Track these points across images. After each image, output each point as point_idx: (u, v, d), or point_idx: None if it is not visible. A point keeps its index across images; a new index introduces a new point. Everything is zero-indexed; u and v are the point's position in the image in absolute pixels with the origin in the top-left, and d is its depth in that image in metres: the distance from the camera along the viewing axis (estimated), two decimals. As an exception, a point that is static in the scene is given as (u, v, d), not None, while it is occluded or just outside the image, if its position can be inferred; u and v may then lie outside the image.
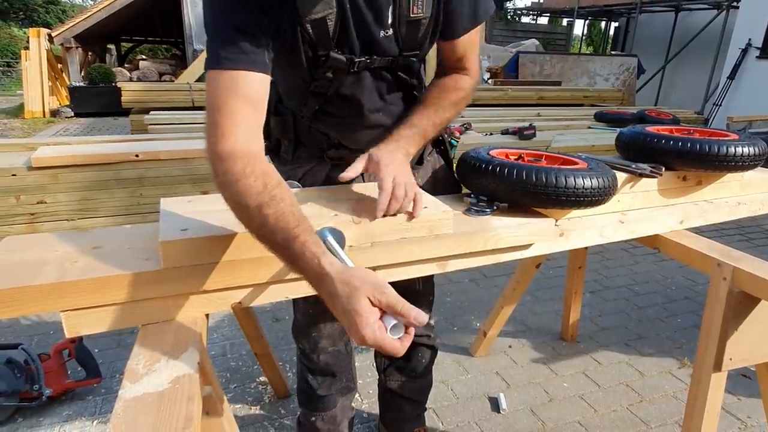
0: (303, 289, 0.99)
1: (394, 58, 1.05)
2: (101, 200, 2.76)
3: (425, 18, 1.01)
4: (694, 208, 1.48)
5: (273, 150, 1.27)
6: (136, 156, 2.75)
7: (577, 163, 1.27)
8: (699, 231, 1.46)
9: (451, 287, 2.76)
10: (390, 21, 0.99)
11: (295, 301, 1.34)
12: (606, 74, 9.02)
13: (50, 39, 8.61)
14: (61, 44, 8.75)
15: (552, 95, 7.43)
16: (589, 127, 4.76)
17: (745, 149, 1.38)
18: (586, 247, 2.03)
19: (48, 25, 24.20)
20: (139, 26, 12.42)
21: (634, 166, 1.41)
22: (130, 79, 8.99)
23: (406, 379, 1.56)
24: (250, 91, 0.87)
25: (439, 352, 2.08)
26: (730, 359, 1.19)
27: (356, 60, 1.01)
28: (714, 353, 1.20)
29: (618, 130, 4.63)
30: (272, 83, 1.20)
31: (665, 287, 2.84)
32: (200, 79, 8.27)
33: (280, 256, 0.80)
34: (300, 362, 1.43)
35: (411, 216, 0.99)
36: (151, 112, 4.72)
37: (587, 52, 18.47)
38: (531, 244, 1.21)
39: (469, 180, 1.30)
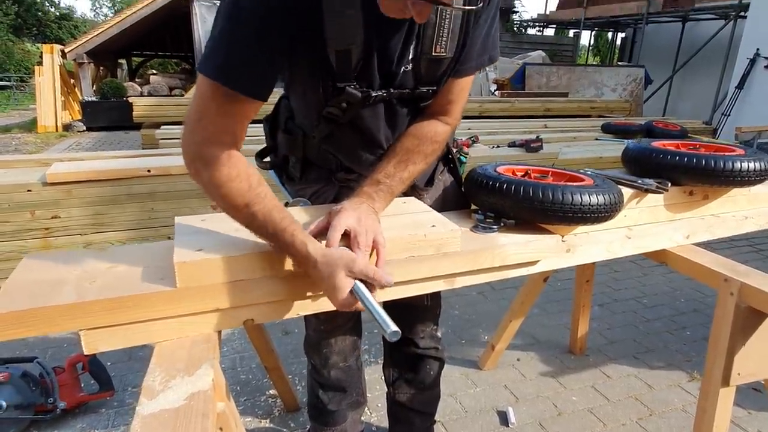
0: (314, 306, 1.02)
1: (409, 91, 1.06)
2: (113, 215, 2.81)
3: (447, 57, 1.01)
4: (701, 222, 1.49)
5: (279, 166, 1.29)
6: (148, 171, 2.80)
7: (583, 180, 1.29)
8: (708, 243, 1.47)
9: (458, 300, 2.76)
10: (411, 57, 1.00)
11: (306, 317, 1.36)
12: (613, 85, 9.03)
13: (63, 54, 8.77)
14: (74, 60, 8.92)
15: (559, 106, 7.45)
16: (597, 139, 4.76)
17: (752, 164, 1.39)
18: (594, 262, 2.03)
19: (60, 41, 24.69)
20: (149, 41, 12.63)
21: (640, 181, 1.43)
22: (141, 94, 9.13)
23: (415, 391, 1.56)
24: (243, 114, 0.90)
25: (447, 365, 2.08)
26: (738, 374, 1.19)
27: (373, 94, 1.01)
28: (722, 368, 1.20)
29: (625, 141, 4.63)
30: (285, 98, 1.23)
31: (674, 299, 2.83)
32: (210, 93, 8.37)
33: (269, 242, 0.91)
34: (311, 377, 1.45)
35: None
36: (162, 127, 4.79)
37: (594, 62, 18.50)
38: (538, 261, 1.22)
39: (476, 197, 1.32)
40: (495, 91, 8.85)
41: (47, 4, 26.36)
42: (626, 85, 9.00)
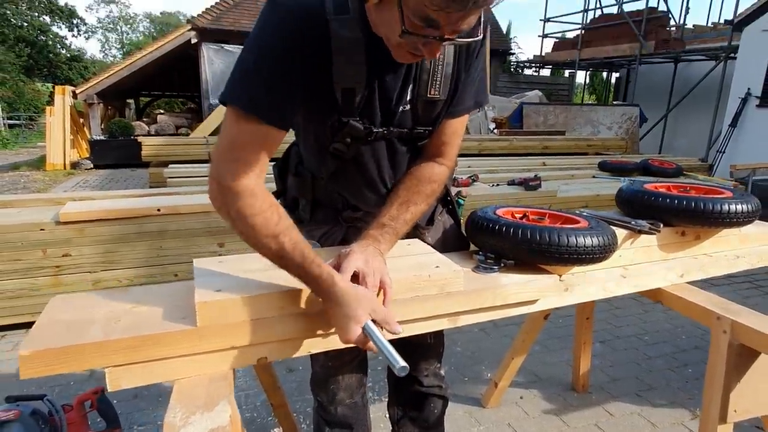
0: (324, 344, 1.07)
1: (408, 131, 1.15)
2: (123, 253, 2.87)
3: (441, 100, 1.11)
4: (694, 262, 1.55)
5: (290, 208, 1.34)
6: (158, 210, 2.88)
7: (578, 222, 1.36)
8: (709, 280, 1.52)
9: (461, 337, 2.79)
10: (409, 98, 1.09)
11: (314, 354, 1.40)
12: (609, 123, 9.24)
13: (74, 95, 9.04)
14: (84, 100, 9.18)
15: (556, 144, 7.61)
16: (594, 176, 4.87)
17: (739, 207, 1.46)
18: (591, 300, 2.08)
19: (70, 81, 25.35)
20: (157, 81, 13.00)
21: (633, 222, 1.50)
22: (148, 133, 9.35)
23: (419, 430, 1.58)
24: (272, 144, 0.96)
25: (450, 402, 2.10)
26: (735, 411, 1.23)
27: (375, 130, 1.10)
28: (719, 405, 1.24)
29: (622, 179, 4.73)
30: (296, 145, 1.32)
31: (674, 337, 2.85)
32: (214, 133, 8.58)
33: (294, 274, 0.95)
34: (317, 414, 1.48)
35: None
36: (170, 166, 4.91)
37: (590, 101, 18.92)
38: (537, 300, 1.27)
39: (477, 238, 1.38)
40: (494, 129, 9.05)
41: (59, 47, 27.18)
42: (622, 123, 9.21)
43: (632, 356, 2.63)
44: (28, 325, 2.81)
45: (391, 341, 0.99)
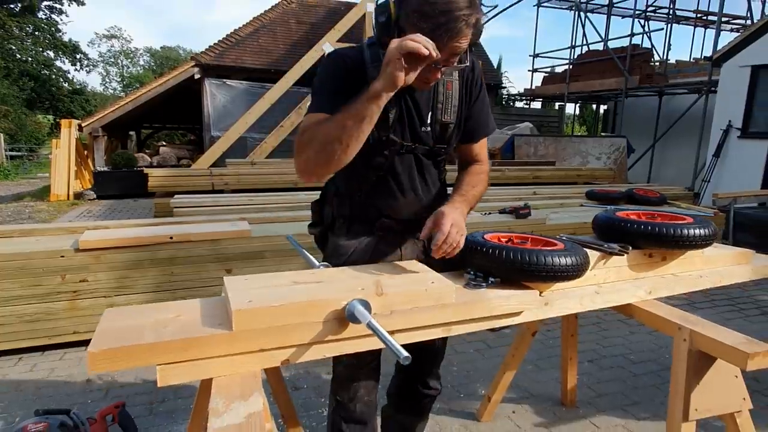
0: (338, 348, 1.25)
1: (430, 148, 1.47)
2: (136, 278, 3.04)
3: (452, 123, 1.46)
4: (661, 280, 1.74)
5: (329, 227, 1.60)
6: (170, 238, 3.06)
7: (556, 244, 1.56)
8: (692, 302, 1.71)
9: (457, 357, 2.94)
10: (429, 121, 1.43)
11: (336, 357, 1.57)
12: (597, 154, 9.57)
13: (80, 128, 9.30)
14: (89, 133, 9.44)
15: (547, 174, 7.89)
16: (582, 205, 5.10)
17: (697, 231, 1.67)
18: (576, 316, 2.26)
19: (71, 113, 25.77)
20: (159, 114, 13.33)
21: (606, 245, 1.70)
22: (151, 164, 9.59)
23: (414, 418, 1.82)
24: None
25: (446, 416, 2.30)
26: (696, 410, 1.40)
27: (405, 144, 1.43)
28: (681, 405, 1.41)
29: (608, 207, 4.94)
30: (332, 183, 1.60)
31: (659, 356, 3.02)
32: (216, 164, 8.84)
33: (360, 122, 1.19)
34: (335, 415, 1.63)
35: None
36: (176, 196, 5.10)
37: (580, 132, 19.41)
38: (521, 312, 1.46)
39: (467, 259, 1.58)
40: (487, 160, 9.36)
41: (62, 80, 27.74)
42: (610, 153, 9.54)
43: (618, 374, 2.79)
44: (45, 348, 2.95)
45: (405, 347, 1.17)
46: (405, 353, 1.00)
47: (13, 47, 24.48)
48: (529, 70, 14.25)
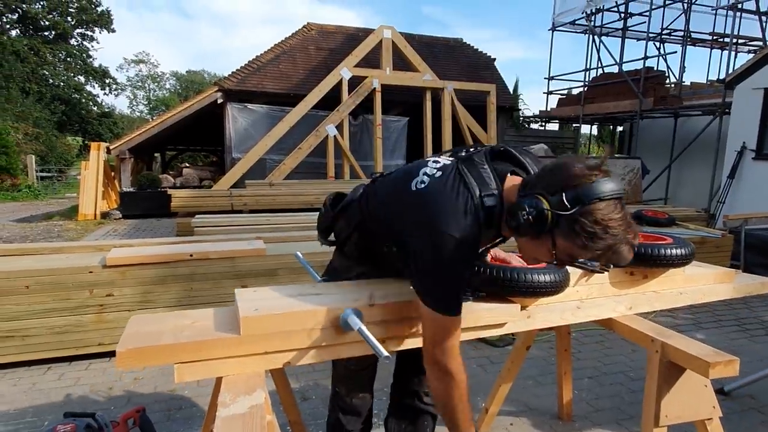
0: (335, 352, 1.40)
1: None
2: (158, 293, 3.23)
3: None
4: (642, 297, 1.86)
5: (340, 245, 1.66)
6: (191, 256, 3.27)
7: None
8: (697, 322, 1.80)
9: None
10: None
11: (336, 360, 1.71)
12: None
13: (108, 151, 9.73)
14: (117, 155, 9.87)
15: (559, 195, 7.95)
16: (590, 226, 5.17)
17: (674, 251, 1.79)
18: (569, 332, 2.37)
19: (99, 135, 26.72)
20: (183, 136, 13.81)
21: (588, 263, 1.82)
22: (174, 185, 9.95)
23: None
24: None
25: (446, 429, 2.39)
26: (666, 416, 1.51)
27: None
28: (653, 411, 1.52)
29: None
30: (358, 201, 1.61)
31: (659, 374, 3.08)
32: (236, 185, 9.14)
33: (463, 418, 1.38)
34: (333, 402, 1.81)
35: None
36: (197, 216, 5.35)
37: (598, 152, 19.37)
38: (505, 323, 1.60)
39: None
40: (500, 181, 9.47)
41: (91, 104, 28.87)
42: (624, 174, 9.55)
43: (617, 390, 2.86)
44: (73, 359, 3.15)
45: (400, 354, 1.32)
46: (385, 353, 1.15)
47: (47, 72, 25.67)
48: (544, 92, 14.43)
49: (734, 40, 10.56)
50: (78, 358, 3.17)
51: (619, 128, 15.21)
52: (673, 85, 12.01)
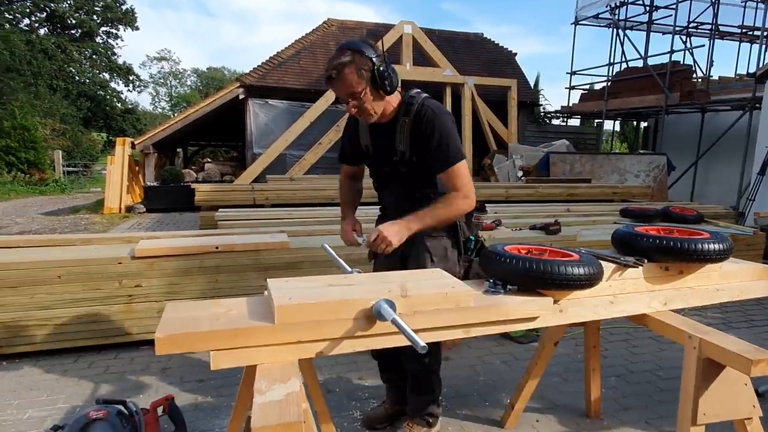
0: (366, 343, 1.40)
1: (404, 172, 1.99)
2: (184, 284, 3.28)
3: (407, 153, 1.93)
4: (677, 293, 1.82)
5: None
6: (216, 248, 3.30)
7: (572, 256, 1.67)
8: (727, 322, 1.76)
9: (484, 368, 3.03)
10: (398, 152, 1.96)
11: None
12: (636, 171, 9.43)
13: (133, 146, 9.91)
14: (141, 150, 10.04)
15: (581, 192, 7.84)
16: (615, 222, 5.09)
17: (712, 246, 1.74)
18: (598, 329, 2.33)
19: (123, 131, 27.23)
20: (205, 132, 13.98)
21: (622, 258, 1.79)
22: (196, 179, 10.08)
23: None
24: None
25: (471, 423, 2.41)
26: (704, 414, 1.47)
27: (384, 169, 2.09)
28: (690, 410, 1.48)
29: (641, 225, 4.90)
30: None
31: (689, 373, 3.01)
32: (257, 180, 9.22)
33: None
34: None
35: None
36: (220, 210, 5.41)
37: (621, 149, 19.05)
38: (536, 317, 1.58)
39: (487, 268, 1.71)
40: (521, 177, 9.38)
41: (115, 100, 29.42)
42: (649, 171, 9.38)
43: (645, 389, 2.81)
44: (101, 348, 3.22)
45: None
46: (422, 343, 1.15)
47: (73, 70, 26.22)
48: (566, 88, 14.22)
49: (765, 33, 10.24)
50: (107, 347, 3.24)
51: (643, 124, 14.91)
52: (700, 80, 11.71)
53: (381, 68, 1.75)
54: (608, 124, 15.31)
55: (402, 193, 2.02)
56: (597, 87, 14.50)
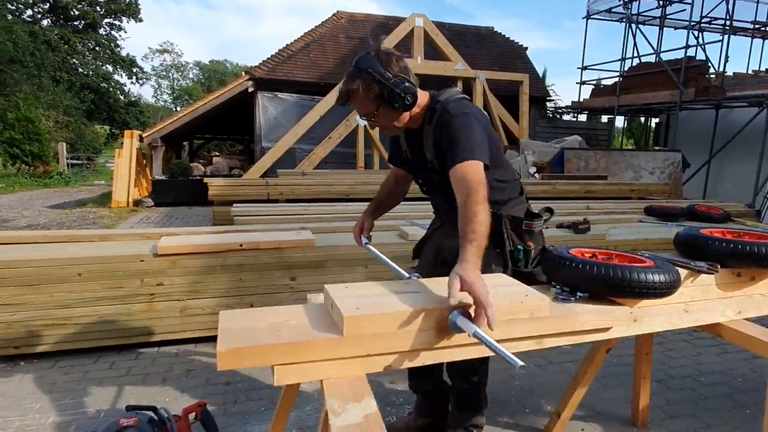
0: (437, 356, 1.29)
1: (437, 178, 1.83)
2: (207, 283, 3.17)
3: (433, 161, 1.81)
4: (750, 300, 1.71)
5: None
6: (240, 246, 3.20)
7: (644, 261, 1.56)
8: None
9: (518, 372, 2.93)
10: (429, 159, 1.84)
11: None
12: (651, 168, 9.30)
13: (140, 139, 9.78)
14: (149, 143, 9.92)
15: (599, 189, 7.72)
16: (640, 221, 4.97)
17: (789, 251, 1.63)
18: (652, 334, 2.22)
19: (126, 124, 27.08)
20: (212, 125, 13.85)
21: (693, 264, 1.68)
22: (204, 173, 9.97)
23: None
24: None
25: (514, 431, 2.28)
26: (795, 434, 1.37)
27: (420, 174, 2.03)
28: (780, 428, 1.38)
29: (668, 223, 4.80)
30: None
31: (731, 378, 2.91)
32: (266, 174, 9.10)
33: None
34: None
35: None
36: (235, 205, 5.30)
37: (628, 146, 18.89)
38: (610, 328, 1.47)
39: (554, 273, 1.60)
40: (534, 173, 9.25)
41: (118, 93, 29.24)
42: (664, 168, 9.25)
43: (688, 395, 2.71)
44: (122, 347, 3.12)
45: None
46: (520, 362, 1.04)
47: (76, 62, 26.03)
48: (576, 83, 14.05)
49: (782, 29, 10.07)
50: (126, 347, 3.14)
51: (655, 120, 14.75)
52: (714, 76, 11.55)
53: (392, 88, 1.63)
54: (617, 123, 15.16)
55: (446, 203, 1.87)
56: (604, 83, 14.33)
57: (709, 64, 11.70)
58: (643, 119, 16.02)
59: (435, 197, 2.03)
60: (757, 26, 12.53)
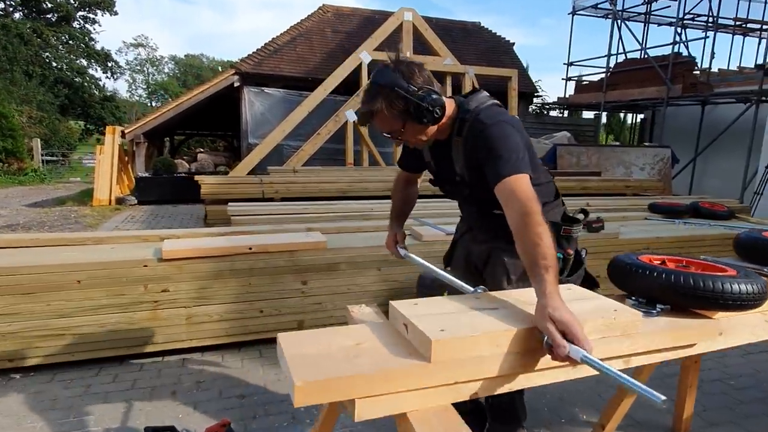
0: (529, 380, 1.16)
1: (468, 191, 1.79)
2: (215, 289, 2.99)
3: (462, 175, 1.73)
4: (822, 307, 1.62)
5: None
6: (250, 249, 3.02)
7: (725, 270, 1.45)
8: None
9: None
10: (458, 172, 1.75)
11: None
12: (641, 164, 9.36)
13: (123, 135, 9.42)
14: (131, 140, 9.56)
15: (595, 185, 7.71)
16: (646, 218, 4.94)
17: None
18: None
19: (102, 119, 26.29)
20: (195, 121, 13.48)
21: None
22: (189, 170, 9.65)
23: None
24: None
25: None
26: None
27: (446, 187, 1.92)
28: None
29: (675, 221, 4.75)
30: None
31: (760, 381, 2.86)
32: (253, 171, 8.85)
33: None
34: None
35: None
36: (230, 204, 5.08)
37: (609, 142, 19.09)
38: (694, 344, 1.35)
39: (624, 281, 1.48)
40: (527, 169, 9.22)
41: (93, 88, 28.34)
42: (654, 164, 9.32)
43: (723, 401, 2.64)
44: (125, 358, 2.91)
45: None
46: (662, 397, 0.91)
47: (50, 55, 25.11)
48: (562, 79, 14.10)
49: (764, 27, 10.23)
50: (129, 358, 2.93)
51: (640, 116, 14.91)
52: (699, 72, 11.69)
53: (419, 102, 1.49)
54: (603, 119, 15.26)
55: (477, 212, 1.90)
56: (590, 79, 14.38)
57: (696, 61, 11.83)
58: (622, 116, 16.23)
59: (465, 204, 1.98)
60: (738, 23, 12.72)
